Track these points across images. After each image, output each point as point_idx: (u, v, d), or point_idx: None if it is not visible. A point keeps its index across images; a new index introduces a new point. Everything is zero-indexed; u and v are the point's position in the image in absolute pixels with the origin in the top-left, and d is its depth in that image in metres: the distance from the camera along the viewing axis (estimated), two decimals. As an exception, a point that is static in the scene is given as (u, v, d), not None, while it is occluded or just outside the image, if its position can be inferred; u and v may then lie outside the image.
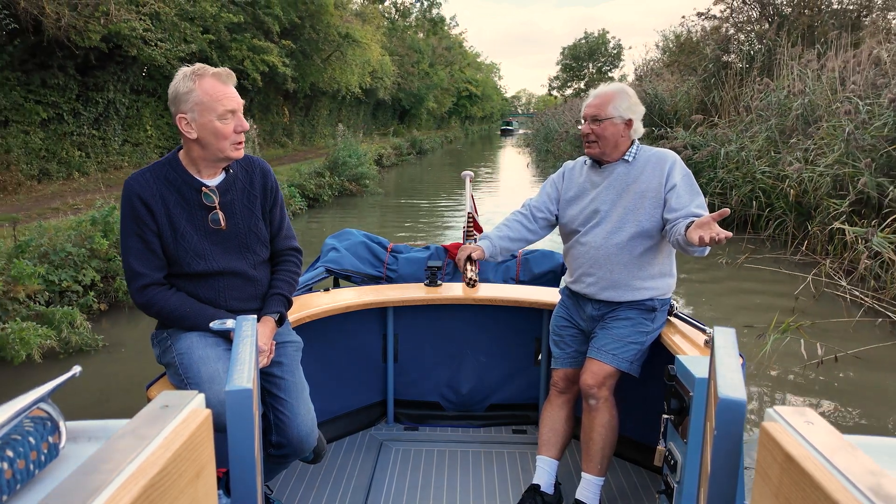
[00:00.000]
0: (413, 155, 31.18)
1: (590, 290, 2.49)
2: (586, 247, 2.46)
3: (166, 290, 2.03)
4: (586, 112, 2.47)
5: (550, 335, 2.70)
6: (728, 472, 1.17)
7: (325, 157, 16.00)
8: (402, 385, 3.29)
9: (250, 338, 1.45)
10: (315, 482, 2.74)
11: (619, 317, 2.45)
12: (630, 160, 2.46)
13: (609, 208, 2.43)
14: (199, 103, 1.92)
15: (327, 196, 13.80)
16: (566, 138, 19.44)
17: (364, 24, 21.82)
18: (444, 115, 55.22)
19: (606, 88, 2.49)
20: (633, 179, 2.43)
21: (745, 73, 13.23)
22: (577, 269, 2.52)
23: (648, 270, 2.43)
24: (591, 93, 2.54)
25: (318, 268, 3.32)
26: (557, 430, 2.58)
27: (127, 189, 1.99)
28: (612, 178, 2.46)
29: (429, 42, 42.58)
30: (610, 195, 2.44)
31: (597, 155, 2.47)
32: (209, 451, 0.99)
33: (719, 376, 1.24)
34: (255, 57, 14.54)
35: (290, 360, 2.20)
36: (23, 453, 0.82)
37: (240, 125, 1.98)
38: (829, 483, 0.71)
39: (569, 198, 2.57)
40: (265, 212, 2.18)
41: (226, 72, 1.99)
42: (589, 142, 2.47)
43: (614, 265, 2.41)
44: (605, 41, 58.45)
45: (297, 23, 15.85)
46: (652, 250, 2.42)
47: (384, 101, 34.21)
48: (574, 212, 2.53)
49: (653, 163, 2.43)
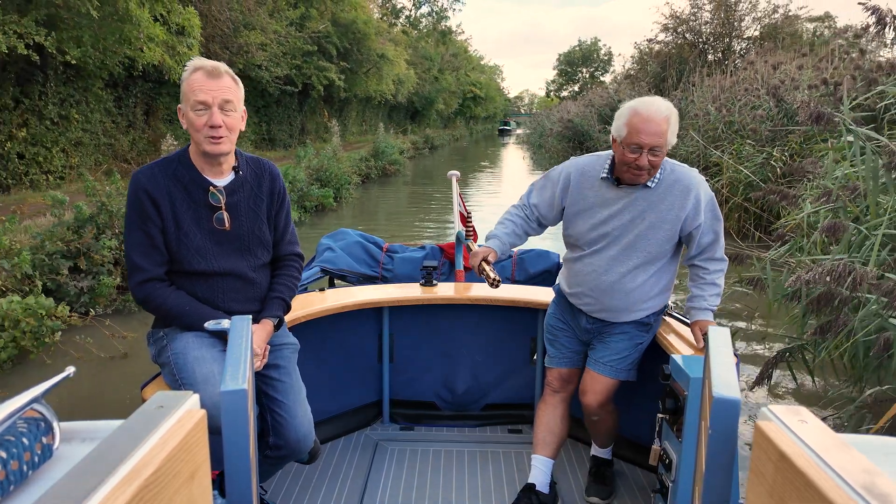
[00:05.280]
0: (427, 150, 36.76)
1: (587, 308, 2.42)
2: (589, 269, 2.34)
3: (166, 286, 2.01)
4: (646, 140, 2.09)
5: (545, 333, 2.63)
6: (723, 470, 1.18)
7: (369, 148, 21.51)
8: (398, 385, 3.27)
9: (245, 339, 1.46)
10: (311, 483, 2.72)
11: (614, 332, 2.40)
12: (652, 186, 2.23)
13: (619, 234, 2.27)
14: (183, 94, 1.95)
15: (374, 175, 19.30)
16: (552, 135, 24.72)
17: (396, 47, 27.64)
18: (451, 116, 60.00)
19: (664, 108, 2.13)
20: (652, 207, 2.24)
21: (673, 86, 18.43)
22: (576, 284, 2.42)
23: (649, 293, 2.33)
24: (640, 110, 2.12)
25: (314, 268, 3.33)
26: (553, 429, 2.53)
27: (134, 183, 1.97)
28: (630, 202, 2.26)
29: (438, 51, 47.83)
30: (623, 220, 2.26)
31: (641, 182, 2.21)
32: (204, 451, 0.98)
33: (714, 375, 1.25)
34: (319, 74, 20.02)
35: (287, 363, 2.20)
36: (16, 454, 0.81)
37: (211, 120, 1.91)
38: (822, 481, 0.71)
39: (576, 211, 2.36)
40: (270, 215, 2.16)
41: (215, 66, 1.96)
42: (641, 171, 2.16)
43: (616, 293, 2.30)
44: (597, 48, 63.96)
45: (348, 47, 21.42)
46: (655, 275, 2.32)
47: (400, 103, 39.54)
48: (581, 228, 2.35)
49: (677, 190, 2.23)
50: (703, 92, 15.35)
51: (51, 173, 11.16)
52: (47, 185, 10.82)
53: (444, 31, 50.94)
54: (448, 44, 51.31)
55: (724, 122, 12.77)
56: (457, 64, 54.14)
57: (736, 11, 19.47)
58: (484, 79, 71.32)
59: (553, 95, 77.18)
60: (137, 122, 14.26)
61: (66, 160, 11.55)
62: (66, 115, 11.42)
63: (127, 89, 13.59)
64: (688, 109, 15.16)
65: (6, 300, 4.82)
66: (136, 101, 14.10)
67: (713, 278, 2.33)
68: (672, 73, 19.16)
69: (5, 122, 10.14)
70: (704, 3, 19.69)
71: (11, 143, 10.27)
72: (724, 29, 19.62)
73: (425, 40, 45.92)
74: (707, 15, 19.88)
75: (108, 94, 12.68)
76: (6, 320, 4.72)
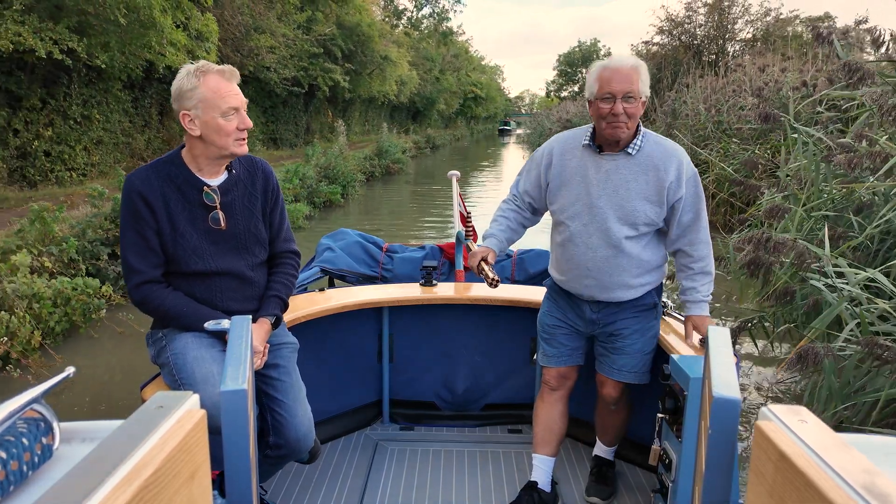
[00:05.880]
0: (428, 149, 37.37)
1: (587, 293, 2.32)
2: (582, 246, 2.26)
3: (163, 288, 2.01)
4: (617, 88, 2.09)
5: (540, 332, 2.56)
6: (722, 470, 1.18)
7: (373, 147, 22.12)
8: (398, 385, 3.28)
9: (245, 339, 1.46)
10: (311, 483, 2.73)
11: (626, 329, 2.34)
12: (633, 153, 2.20)
13: (606, 203, 2.21)
14: (204, 100, 1.90)
15: (378, 173, 19.89)
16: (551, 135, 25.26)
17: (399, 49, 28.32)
18: (452, 116, 60.56)
19: (631, 59, 2.16)
20: (635, 173, 2.20)
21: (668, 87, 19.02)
22: (570, 268, 2.33)
23: (645, 266, 2.28)
24: (609, 64, 2.16)
25: (314, 268, 3.34)
26: (552, 428, 2.51)
27: (128, 185, 1.97)
28: (613, 168, 2.22)
29: (440, 51, 48.46)
30: (608, 188, 2.21)
31: (624, 139, 2.17)
32: (204, 452, 0.98)
33: (714, 375, 1.25)
34: (325, 75, 20.65)
35: (287, 362, 2.20)
36: (16, 454, 0.81)
37: (242, 123, 1.96)
38: (822, 481, 0.71)
39: (560, 183, 2.31)
40: (265, 213, 2.17)
41: (230, 69, 1.97)
42: (618, 123, 2.11)
43: (614, 267, 2.24)
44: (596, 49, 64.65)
45: (353, 50, 22.06)
46: (648, 246, 2.28)
47: (402, 103, 40.16)
48: (567, 200, 2.29)
49: (658, 155, 2.20)
50: (696, 93, 15.95)
51: (74, 170, 11.78)
52: (71, 182, 11.45)
53: (446, 31, 51.62)
54: (449, 44, 51.96)
55: (713, 121, 13.35)
56: (458, 64, 54.70)
57: (729, 14, 20.12)
58: (484, 79, 71.89)
59: (553, 96, 77.87)
60: (153, 121, 14.88)
61: (87, 158, 12.17)
62: (88, 115, 12.04)
63: (143, 90, 14.19)
64: (681, 110, 15.76)
65: (58, 281, 5.44)
66: (152, 101, 14.71)
67: (702, 266, 2.29)
68: (667, 75, 19.77)
69: (33, 121, 10.77)
70: (699, 6, 20.33)
71: (39, 142, 10.91)
72: (718, 31, 20.25)
73: (427, 41, 46.57)
74: (701, 18, 20.52)
75: (127, 96, 13.28)
76: (59, 298, 5.33)
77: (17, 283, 5.10)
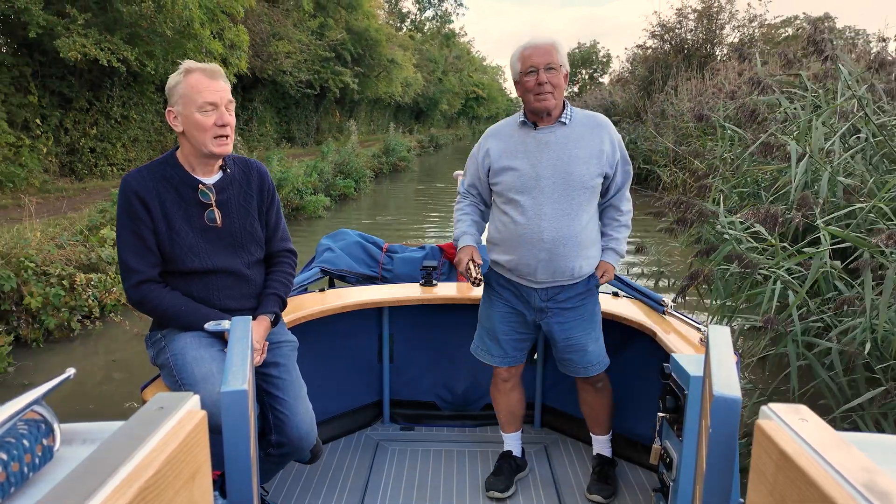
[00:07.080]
0: (431, 148, 38.65)
1: (540, 270, 2.31)
2: (534, 219, 2.26)
3: (161, 287, 2.02)
4: (537, 60, 2.20)
5: (480, 326, 2.59)
6: (723, 469, 1.18)
7: (379, 145, 23.40)
8: (398, 385, 3.29)
9: (246, 339, 1.45)
10: (311, 483, 2.73)
11: (574, 321, 2.39)
12: (567, 122, 2.29)
13: (552, 174, 2.25)
14: (183, 96, 1.94)
15: (385, 170, 21.17)
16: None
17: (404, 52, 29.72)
18: (454, 116, 61.64)
19: (547, 36, 2.26)
20: (573, 142, 2.27)
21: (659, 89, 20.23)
22: (521, 244, 2.30)
23: (587, 240, 2.31)
24: (528, 43, 2.26)
25: (314, 268, 3.34)
26: (514, 412, 2.67)
27: (124, 186, 1.98)
28: (552, 141, 2.27)
29: (442, 53, 49.72)
30: (550, 159, 2.26)
31: (551, 108, 2.24)
32: (205, 452, 0.98)
33: (714, 374, 1.25)
34: (335, 78, 21.99)
35: (287, 360, 2.21)
36: (17, 456, 0.81)
37: (221, 119, 1.96)
38: (823, 480, 0.71)
39: (502, 166, 2.34)
40: (261, 212, 2.18)
41: (213, 68, 1.99)
42: (544, 93, 2.20)
43: (567, 237, 2.25)
44: (595, 50, 65.88)
45: (361, 53, 23.40)
46: (592, 219, 2.34)
47: (406, 104, 41.45)
48: (512, 177, 2.31)
49: (590, 125, 2.31)
50: (683, 95, 17.14)
51: (115, 165, 13.09)
52: (112, 175, 12.75)
53: (448, 33, 52.92)
54: (452, 46, 53.24)
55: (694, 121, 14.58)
56: (460, 65, 55.84)
57: (717, 20, 21.30)
58: (486, 79, 72.97)
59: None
60: (179, 121, 16.17)
61: (126, 154, 13.47)
62: (127, 115, 13.34)
63: (172, 93, 15.48)
64: (668, 110, 16.96)
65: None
66: (179, 103, 16.02)
67: (626, 220, 2.47)
68: (658, 77, 20.97)
69: (80, 121, 12.08)
70: (689, 12, 21.54)
71: (85, 140, 12.23)
72: (707, 36, 21.42)
73: (430, 43, 47.85)
74: (691, 24, 21.73)
75: (159, 97, 14.56)
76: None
77: (107, 251, 6.35)
